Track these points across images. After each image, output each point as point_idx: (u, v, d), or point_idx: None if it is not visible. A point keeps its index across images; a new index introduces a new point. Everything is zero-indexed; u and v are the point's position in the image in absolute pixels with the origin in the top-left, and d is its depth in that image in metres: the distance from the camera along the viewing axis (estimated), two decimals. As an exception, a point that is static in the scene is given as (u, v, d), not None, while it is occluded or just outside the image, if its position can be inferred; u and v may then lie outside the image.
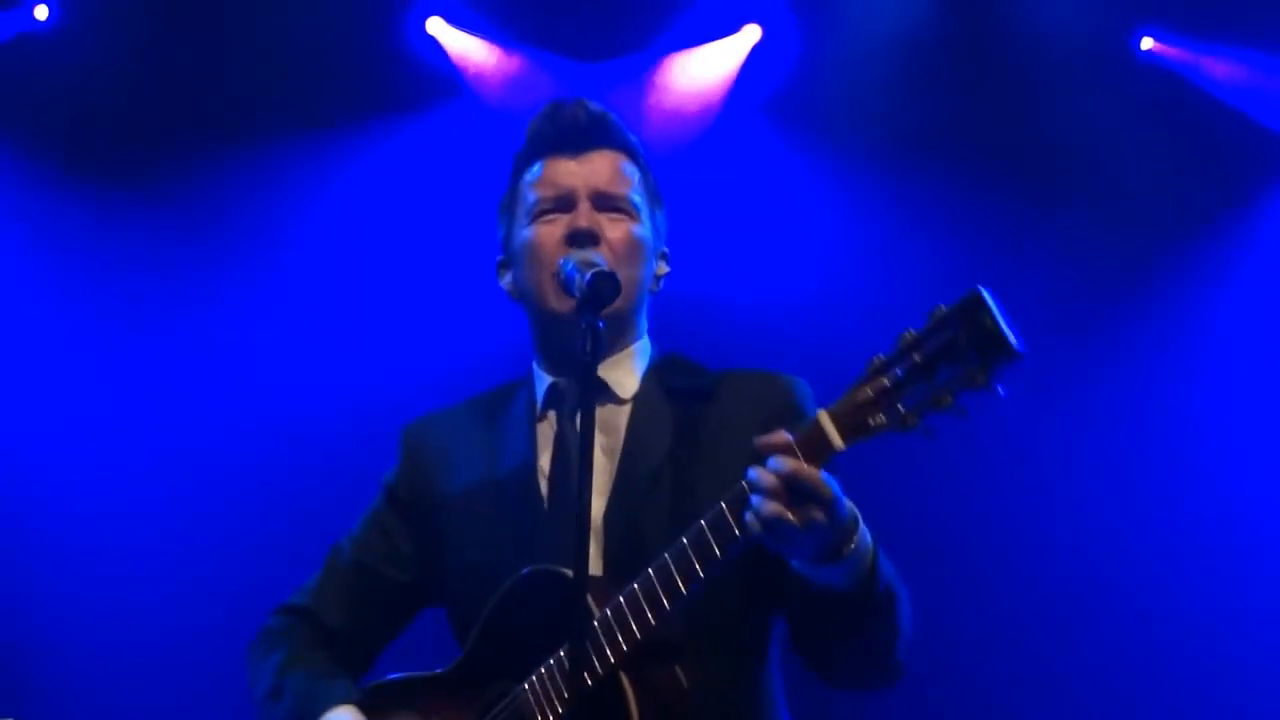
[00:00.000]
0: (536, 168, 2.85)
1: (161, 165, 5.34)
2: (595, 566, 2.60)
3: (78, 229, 5.33)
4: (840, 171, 5.39)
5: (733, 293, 5.23)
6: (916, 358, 2.18)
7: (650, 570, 2.44)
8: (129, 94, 5.32)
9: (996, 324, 2.11)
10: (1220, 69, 5.28)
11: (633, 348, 2.84)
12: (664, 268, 2.91)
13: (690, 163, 5.20)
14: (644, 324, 2.89)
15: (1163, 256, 5.30)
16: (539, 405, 2.83)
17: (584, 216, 2.76)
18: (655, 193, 2.91)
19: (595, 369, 2.44)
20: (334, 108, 5.39)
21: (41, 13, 5.25)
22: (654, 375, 2.83)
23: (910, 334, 2.20)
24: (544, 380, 2.84)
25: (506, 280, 2.89)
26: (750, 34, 5.45)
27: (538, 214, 2.81)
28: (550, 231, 2.77)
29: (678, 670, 2.52)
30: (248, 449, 5.26)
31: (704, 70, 5.49)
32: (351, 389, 5.28)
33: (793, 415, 2.65)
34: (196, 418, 5.32)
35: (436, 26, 5.45)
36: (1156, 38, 5.29)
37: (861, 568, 2.38)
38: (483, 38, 5.47)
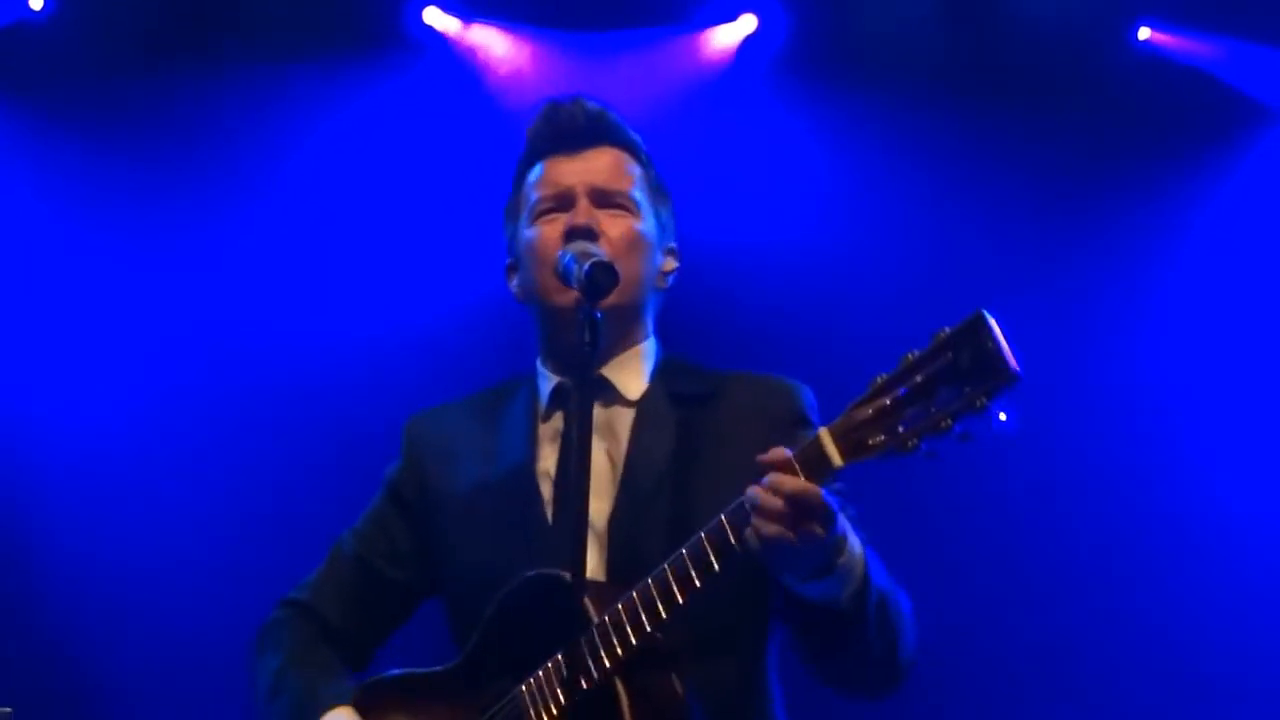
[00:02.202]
0: (537, 169, 2.87)
1: (158, 106, 5.33)
2: (597, 571, 2.62)
3: (63, 169, 5.32)
4: (838, 156, 5.39)
5: (737, 265, 5.24)
6: (918, 379, 2.19)
7: (649, 579, 2.45)
8: (117, 32, 5.31)
9: (997, 347, 2.12)
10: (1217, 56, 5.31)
11: (640, 348, 2.85)
12: (671, 264, 2.91)
13: (683, 138, 5.17)
14: (650, 323, 2.90)
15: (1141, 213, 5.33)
16: (544, 405, 2.84)
17: (582, 214, 2.78)
18: (659, 187, 2.92)
19: (594, 360, 2.45)
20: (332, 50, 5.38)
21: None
22: (659, 378, 2.83)
23: (912, 355, 2.20)
24: (549, 380, 2.85)
25: (514, 283, 2.92)
26: (746, 23, 5.44)
27: (539, 214, 2.83)
28: (551, 230, 2.79)
29: (674, 678, 2.53)
30: (242, 415, 5.25)
31: (696, 53, 5.49)
32: (347, 350, 5.29)
33: (794, 424, 2.68)
34: (187, 383, 5.30)
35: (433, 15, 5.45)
36: (1154, 27, 5.29)
37: (851, 581, 2.40)
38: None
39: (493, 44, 5.48)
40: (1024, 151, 5.30)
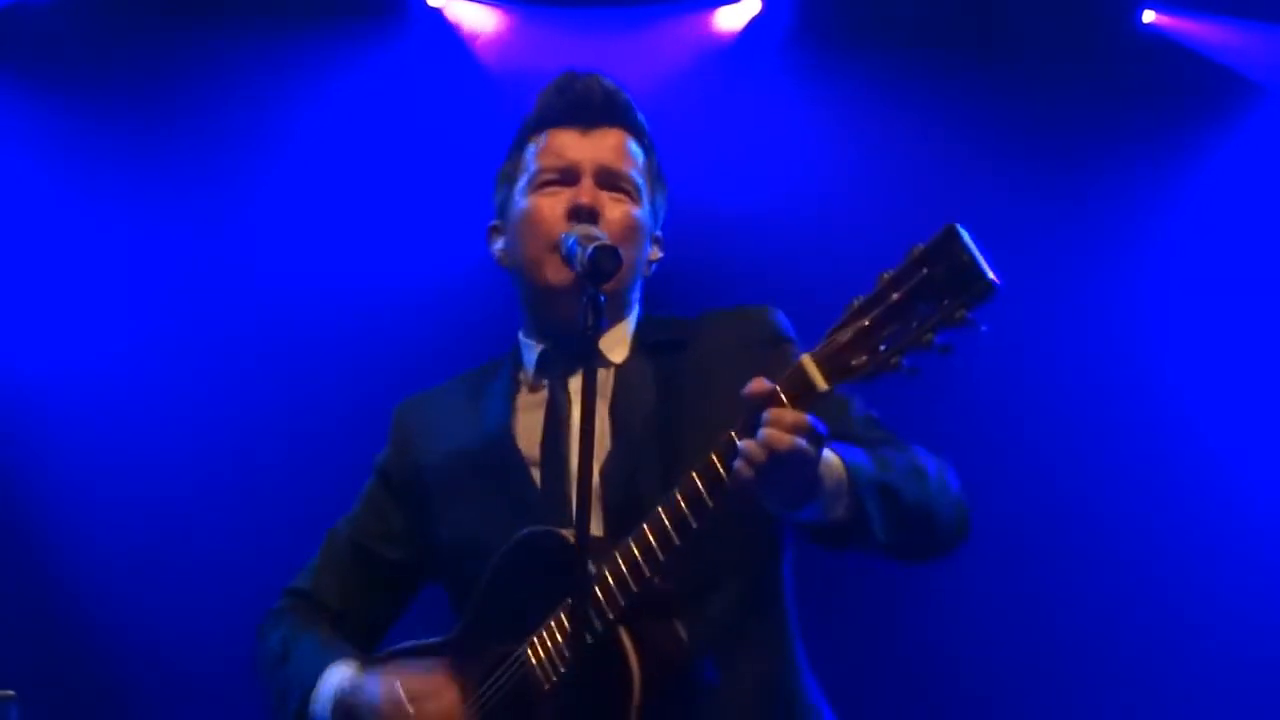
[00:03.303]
0: (543, 138, 2.85)
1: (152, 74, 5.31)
2: (595, 527, 2.60)
3: (63, 147, 5.30)
4: (842, 136, 5.38)
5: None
6: (895, 296, 2.17)
7: (644, 524, 2.44)
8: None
9: (972, 257, 2.11)
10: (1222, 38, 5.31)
11: (625, 321, 2.87)
12: (657, 253, 2.92)
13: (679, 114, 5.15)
14: (637, 303, 2.90)
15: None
16: (530, 373, 2.84)
17: (586, 192, 2.77)
18: (658, 175, 2.92)
19: (598, 343, 2.46)
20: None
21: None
22: (636, 338, 2.85)
23: (888, 274, 2.19)
24: (534, 349, 2.85)
25: (498, 246, 2.91)
26: (750, 5, 5.43)
27: (540, 184, 2.82)
28: (552, 204, 2.77)
29: (676, 623, 2.52)
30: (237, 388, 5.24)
31: (699, 33, 5.47)
32: (340, 327, 5.27)
33: (769, 343, 2.71)
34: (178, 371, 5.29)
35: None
36: (1158, 10, 5.30)
37: (838, 496, 2.38)
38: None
39: (495, 22, 5.47)
40: (1030, 132, 5.31)
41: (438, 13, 5.43)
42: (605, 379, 2.78)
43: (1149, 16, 5.31)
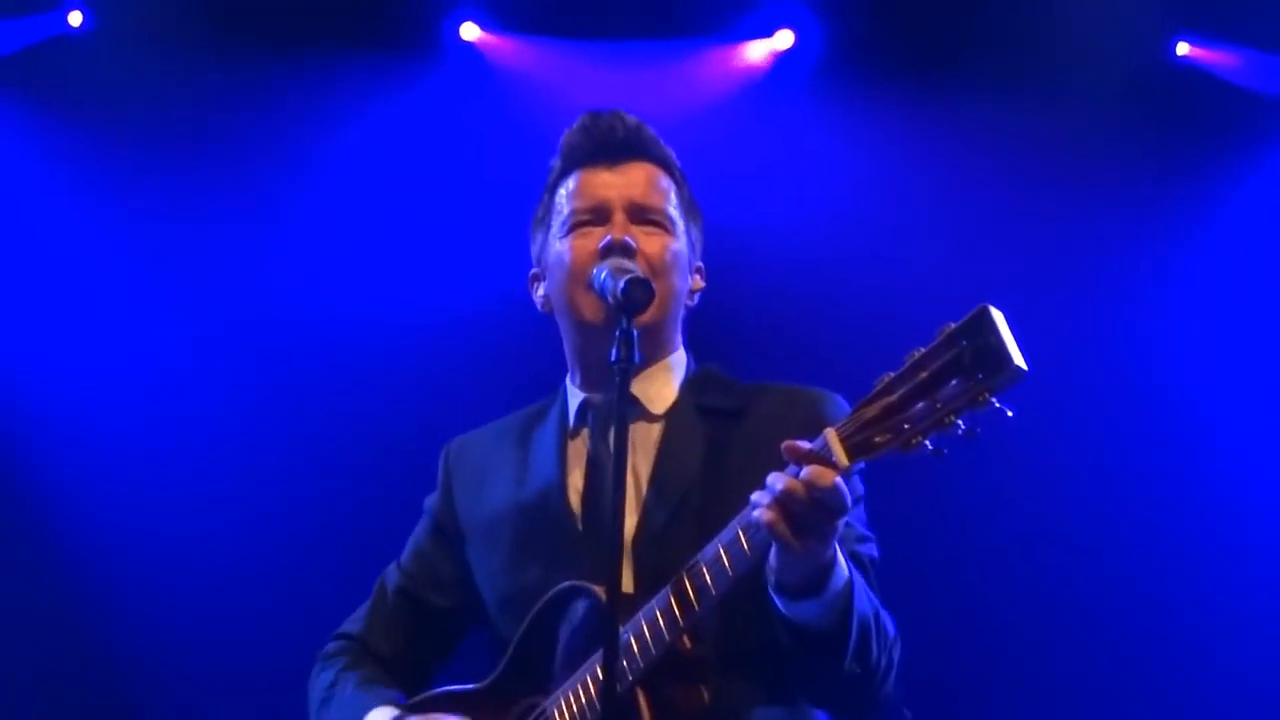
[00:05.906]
0: (572, 180, 2.84)
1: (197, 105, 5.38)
2: (626, 586, 2.59)
3: (102, 178, 5.36)
4: (872, 168, 5.38)
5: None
6: (923, 375, 2.15)
7: (668, 588, 2.44)
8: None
9: (1000, 341, 2.07)
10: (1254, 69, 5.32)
11: (668, 360, 2.84)
12: (699, 282, 2.90)
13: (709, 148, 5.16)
14: (679, 338, 2.88)
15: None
16: (571, 423, 2.83)
17: (619, 229, 2.75)
18: (691, 206, 2.90)
19: (629, 376, 2.41)
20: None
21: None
22: (688, 391, 2.81)
23: (918, 352, 2.17)
24: (577, 397, 2.83)
25: (539, 293, 2.89)
26: (782, 39, 5.45)
27: (573, 226, 2.80)
28: (585, 245, 2.75)
29: (702, 689, 2.52)
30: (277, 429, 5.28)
31: (730, 66, 5.50)
32: (381, 356, 5.30)
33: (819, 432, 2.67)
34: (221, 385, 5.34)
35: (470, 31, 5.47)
36: (1192, 43, 5.30)
37: (836, 606, 2.37)
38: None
39: (529, 56, 5.50)
40: (1064, 161, 5.31)
41: (472, 46, 5.47)
42: (650, 431, 2.77)
43: (1183, 49, 5.32)
